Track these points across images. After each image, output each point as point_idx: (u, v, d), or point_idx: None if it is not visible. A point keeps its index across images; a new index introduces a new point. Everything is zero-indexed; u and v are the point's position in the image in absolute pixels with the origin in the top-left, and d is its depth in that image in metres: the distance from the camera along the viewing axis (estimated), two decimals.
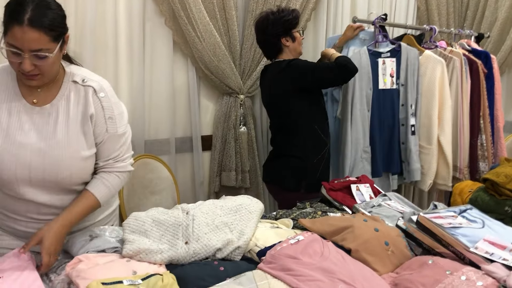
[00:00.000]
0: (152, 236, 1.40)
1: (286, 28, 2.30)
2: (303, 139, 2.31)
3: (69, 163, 1.41)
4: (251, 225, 1.48)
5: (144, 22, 2.45)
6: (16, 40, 1.24)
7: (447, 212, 1.59)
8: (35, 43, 1.26)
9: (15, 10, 1.25)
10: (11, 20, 1.24)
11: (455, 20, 3.66)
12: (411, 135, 2.56)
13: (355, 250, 1.41)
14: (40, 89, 1.40)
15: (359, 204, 1.81)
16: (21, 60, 1.27)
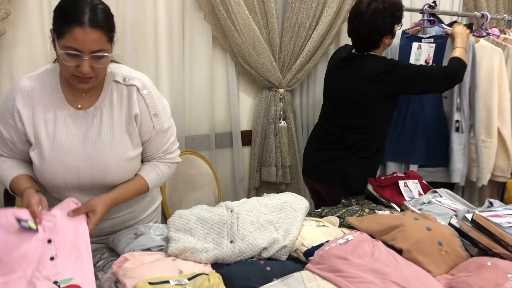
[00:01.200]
0: (197, 234, 1.38)
1: (393, 25, 2.11)
2: (377, 141, 2.16)
3: (116, 165, 1.41)
4: (297, 223, 1.44)
5: (184, 17, 2.43)
6: (76, 41, 1.23)
7: (505, 210, 1.50)
8: (96, 44, 1.25)
9: (73, 11, 1.25)
10: (70, 22, 1.23)
11: (505, 5, 3.47)
12: (455, 132, 2.37)
13: (407, 250, 1.36)
14: (85, 93, 1.40)
15: (408, 201, 1.74)
16: (79, 62, 1.26)
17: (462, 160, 2.38)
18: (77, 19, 1.23)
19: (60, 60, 1.28)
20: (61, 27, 1.24)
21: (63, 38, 1.24)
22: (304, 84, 2.86)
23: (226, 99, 2.67)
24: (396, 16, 2.08)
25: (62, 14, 1.26)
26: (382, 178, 1.88)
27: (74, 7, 1.25)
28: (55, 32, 1.27)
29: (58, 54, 1.28)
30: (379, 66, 2.07)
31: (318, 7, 2.65)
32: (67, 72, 1.30)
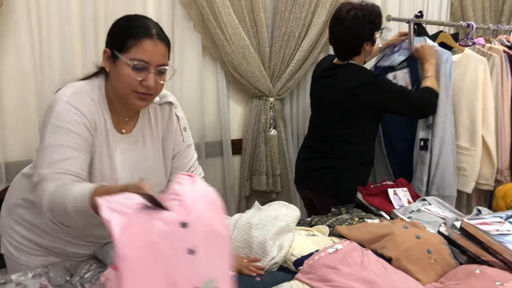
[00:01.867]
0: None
1: (373, 32, 2.14)
2: (364, 150, 2.19)
3: (156, 186, 1.40)
4: (289, 237, 1.44)
5: (173, 27, 2.43)
6: (146, 53, 1.24)
7: (493, 217, 1.52)
8: (162, 57, 1.27)
9: (140, 26, 1.26)
10: (140, 34, 1.24)
11: (491, 16, 3.53)
12: (419, 150, 2.36)
13: (396, 259, 1.36)
14: (129, 118, 1.38)
15: (397, 209, 1.75)
16: (145, 76, 1.25)
17: (422, 180, 2.35)
18: (147, 32, 1.25)
19: (123, 76, 1.25)
20: (127, 41, 1.24)
21: (129, 51, 1.24)
22: (294, 92, 2.87)
23: (216, 108, 2.67)
24: (375, 22, 2.11)
25: (128, 29, 1.27)
26: (371, 187, 1.89)
27: (139, 22, 1.28)
28: (115, 49, 1.26)
29: (118, 70, 1.26)
30: (357, 78, 2.10)
31: (307, 16, 2.67)
32: (129, 88, 1.27)
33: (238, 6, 2.47)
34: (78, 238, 1.42)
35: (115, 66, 1.27)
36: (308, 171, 2.26)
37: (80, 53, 2.18)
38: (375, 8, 2.13)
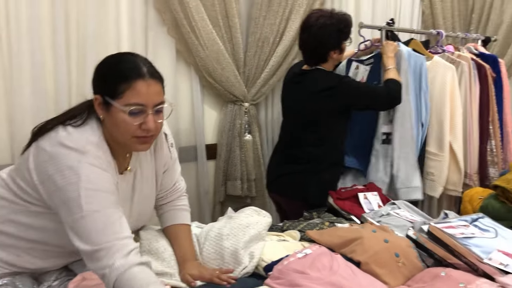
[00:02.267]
0: (164, 258, 1.38)
1: (341, 41, 2.17)
2: (332, 154, 2.21)
3: (150, 214, 1.47)
4: (260, 246, 1.45)
5: (147, 31, 2.42)
6: (140, 95, 1.17)
7: (458, 221, 1.56)
8: (158, 96, 1.21)
9: (129, 67, 1.19)
10: (130, 77, 1.17)
11: (461, 23, 3.63)
12: (381, 144, 2.43)
13: (365, 263, 1.38)
14: (129, 154, 1.33)
15: (367, 213, 1.78)
16: (143, 119, 1.19)
17: (385, 172, 2.41)
18: (138, 73, 1.18)
19: (119, 122, 1.19)
20: (119, 85, 1.17)
21: (122, 96, 1.17)
22: (269, 98, 2.88)
23: (190, 113, 2.66)
24: (344, 31, 2.13)
25: (117, 72, 1.20)
26: (342, 191, 1.92)
27: (128, 63, 1.21)
28: (107, 96, 1.19)
29: (114, 118, 1.19)
30: (324, 82, 2.13)
31: (281, 22, 2.69)
32: (128, 135, 1.21)
33: (212, 11, 2.48)
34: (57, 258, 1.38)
35: (110, 113, 1.20)
36: (278, 176, 2.29)
37: (51, 58, 2.15)
38: (345, 17, 2.16)
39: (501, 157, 2.76)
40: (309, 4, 2.76)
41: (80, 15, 2.18)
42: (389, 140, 2.40)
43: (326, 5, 2.94)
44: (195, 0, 2.37)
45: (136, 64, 1.20)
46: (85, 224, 1.13)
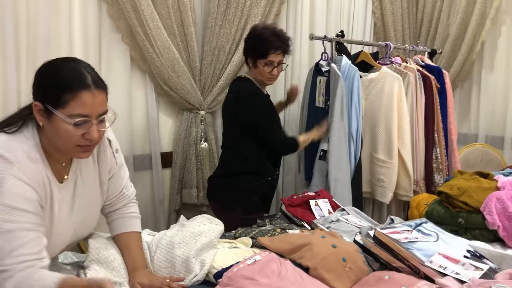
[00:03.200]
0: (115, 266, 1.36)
1: (250, 50, 2.26)
2: (247, 161, 2.27)
3: (95, 221, 1.44)
4: (211, 253, 1.45)
5: (100, 38, 2.39)
6: (85, 106, 1.15)
7: (403, 226, 1.62)
8: (102, 106, 1.19)
9: (73, 76, 1.16)
10: (75, 87, 1.14)
11: (410, 36, 3.79)
12: (318, 160, 2.58)
13: (313, 268, 1.41)
14: (65, 163, 1.30)
15: (317, 219, 1.82)
16: (87, 129, 1.18)
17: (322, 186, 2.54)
18: (82, 83, 1.15)
19: (61, 132, 1.16)
20: (62, 95, 1.14)
21: (66, 107, 1.14)
22: None
23: (145, 121, 2.65)
24: (254, 45, 2.23)
25: (60, 81, 1.16)
26: (294, 198, 1.96)
27: (72, 72, 1.17)
28: (49, 104, 1.15)
29: (56, 126, 1.16)
30: (236, 91, 2.29)
31: (237, 32, 2.73)
32: (71, 144, 1.19)
33: (167, 19, 2.48)
34: None
35: (51, 121, 1.17)
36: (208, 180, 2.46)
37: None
38: (256, 32, 2.24)
39: (446, 164, 2.89)
40: (264, 14, 2.81)
41: (31, 19, 2.12)
42: (325, 157, 2.55)
43: (281, 16, 3.02)
44: (149, 8, 2.37)
45: (81, 73, 1.17)
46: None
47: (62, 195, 1.28)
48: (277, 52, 2.20)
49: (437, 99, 2.83)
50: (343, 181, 2.49)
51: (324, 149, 2.54)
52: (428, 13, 3.78)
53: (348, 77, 2.52)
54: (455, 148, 3.01)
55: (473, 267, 1.42)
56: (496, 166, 3.28)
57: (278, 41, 2.20)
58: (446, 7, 3.64)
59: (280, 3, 2.94)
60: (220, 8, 2.66)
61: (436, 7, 3.72)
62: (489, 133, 3.61)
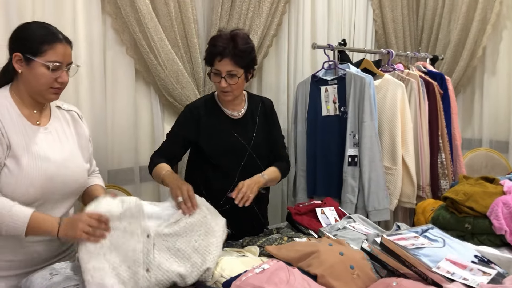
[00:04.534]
0: (111, 262, 1.35)
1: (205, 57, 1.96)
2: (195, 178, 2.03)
3: (81, 173, 1.62)
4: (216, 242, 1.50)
5: (105, 51, 2.42)
6: (58, 55, 1.48)
7: (409, 232, 1.62)
8: (70, 57, 1.54)
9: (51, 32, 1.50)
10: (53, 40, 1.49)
11: (412, 43, 3.82)
12: (348, 166, 2.58)
13: (321, 276, 1.41)
14: (36, 110, 1.56)
15: (324, 227, 1.83)
16: (59, 74, 1.50)
17: (355, 193, 2.56)
18: (57, 37, 1.50)
19: (38, 75, 1.47)
20: (41, 46, 1.46)
21: (45, 55, 1.46)
22: None
23: (150, 132, 2.67)
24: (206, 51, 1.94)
25: (40, 36, 1.48)
26: (300, 206, 1.96)
27: (48, 29, 1.51)
28: (29, 54, 1.46)
29: (33, 71, 1.47)
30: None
31: None
32: (45, 85, 1.49)
33: (171, 32, 2.51)
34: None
35: (30, 68, 1.47)
36: None
37: None
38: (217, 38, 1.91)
39: (451, 170, 2.89)
40: (266, 25, 2.84)
41: None
42: (355, 163, 2.54)
43: (283, 26, 3.05)
44: (153, 21, 2.40)
45: (55, 31, 1.52)
46: None
47: (39, 137, 1.53)
48: (220, 58, 1.85)
49: (440, 105, 2.84)
50: (377, 180, 2.51)
51: (352, 154, 2.54)
52: (429, 20, 3.81)
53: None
54: (460, 153, 3.01)
55: (481, 272, 1.42)
56: (501, 170, 3.28)
57: (221, 47, 1.84)
58: (446, 13, 3.67)
59: (282, 13, 2.96)
60: (223, 19, 2.69)
61: (437, 14, 3.74)
62: (493, 138, 3.61)
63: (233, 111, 2.02)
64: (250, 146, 2.00)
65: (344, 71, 2.60)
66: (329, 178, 2.66)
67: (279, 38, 3.06)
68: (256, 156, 2.01)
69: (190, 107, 2.06)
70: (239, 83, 1.90)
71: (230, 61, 1.84)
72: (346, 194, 2.56)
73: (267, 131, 2.08)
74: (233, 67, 1.85)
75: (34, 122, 1.54)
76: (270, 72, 3.07)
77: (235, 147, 1.98)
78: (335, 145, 2.64)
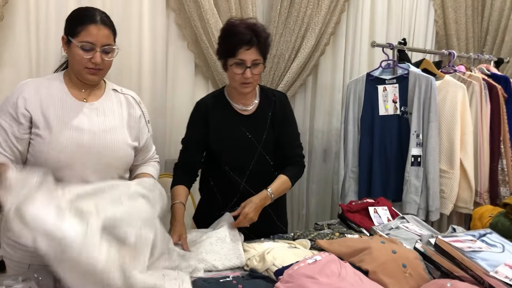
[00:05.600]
0: None
1: (219, 50, 1.90)
2: (204, 188, 2.04)
3: (119, 146, 1.62)
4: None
5: (168, 45, 2.52)
6: (91, 35, 1.51)
7: (466, 236, 1.58)
8: (106, 38, 1.54)
9: (86, 15, 1.53)
10: (86, 21, 1.51)
11: (475, 45, 3.68)
12: (411, 166, 2.53)
13: (373, 272, 1.41)
14: (85, 89, 1.62)
15: (376, 226, 1.81)
16: (92, 55, 1.52)
17: (418, 193, 2.51)
18: (92, 18, 1.52)
19: (75, 55, 1.52)
20: (76, 27, 1.51)
21: (78, 36, 1.50)
22: None
23: None
24: (223, 42, 1.85)
25: (77, 18, 1.54)
26: (352, 204, 1.96)
27: (87, 11, 1.55)
28: (68, 35, 1.52)
29: (72, 52, 1.52)
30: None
31: (297, 40, 2.78)
32: (81, 65, 1.53)
33: None
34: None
35: (70, 49, 1.54)
36: None
37: None
38: (226, 27, 1.89)
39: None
40: (324, 22, 2.85)
41: None
42: (418, 163, 2.51)
43: (341, 25, 3.03)
44: (214, 17, 2.47)
45: (93, 13, 1.54)
46: None
47: (82, 111, 1.58)
48: (246, 47, 1.77)
49: (504, 109, 2.73)
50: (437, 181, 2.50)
51: (416, 154, 2.51)
52: (495, 22, 3.66)
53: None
54: None
55: None
56: None
57: (247, 35, 1.77)
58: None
59: (341, 11, 2.96)
60: (281, 16, 2.72)
61: (504, 16, 3.59)
62: None
63: (243, 106, 1.93)
64: (260, 144, 1.90)
65: (406, 71, 2.55)
66: (386, 179, 2.62)
67: (337, 36, 3.05)
68: (266, 154, 1.91)
69: (198, 102, 2.01)
70: (260, 73, 1.85)
71: (256, 50, 1.79)
72: (410, 194, 2.52)
73: (280, 128, 1.94)
74: (258, 55, 1.80)
75: (80, 99, 1.60)
76: (326, 71, 3.07)
77: (244, 145, 1.89)
78: (394, 145, 2.60)
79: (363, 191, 2.65)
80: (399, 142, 2.58)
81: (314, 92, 3.09)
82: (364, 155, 2.67)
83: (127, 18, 2.36)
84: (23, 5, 2.11)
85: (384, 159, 2.62)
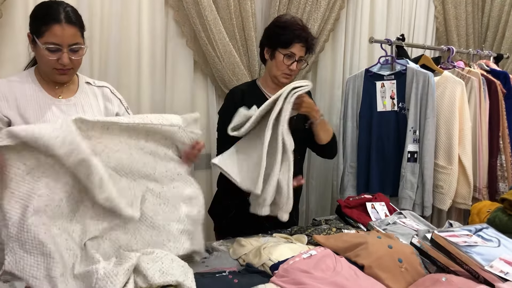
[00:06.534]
0: None
1: (270, 39, 2.01)
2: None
3: None
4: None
5: (167, 42, 2.53)
6: (56, 36, 1.45)
7: (462, 230, 1.59)
8: (72, 38, 1.48)
9: (49, 13, 1.46)
10: (49, 21, 1.44)
11: (475, 41, 3.67)
12: (407, 162, 2.54)
13: (368, 267, 1.42)
14: (58, 86, 1.59)
15: (374, 221, 1.82)
16: (59, 55, 1.47)
17: (414, 188, 2.53)
18: (55, 18, 1.45)
19: (42, 56, 1.48)
20: (40, 27, 1.45)
21: (43, 36, 1.45)
22: None
23: (205, 122, 2.75)
24: (276, 33, 1.98)
25: (40, 17, 1.48)
26: (350, 199, 1.97)
27: (49, 9, 1.48)
28: (34, 34, 1.48)
29: (38, 52, 1.49)
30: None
31: None
32: (49, 67, 1.50)
33: (229, 25, 2.58)
34: None
35: (36, 48, 1.50)
36: None
37: None
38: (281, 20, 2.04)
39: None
40: (323, 19, 2.85)
41: (104, 24, 2.30)
42: (414, 159, 2.53)
43: (340, 21, 3.03)
44: (213, 14, 2.47)
45: (56, 11, 1.47)
46: None
47: (60, 108, 1.56)
48: (301, 44, 1.94)
49: (503, 104, 2.72)
50: (432, 177, 2.51)
51: (412, 150, 2.53)
52: (495, 17, 3.65)
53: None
54: None
55: None
56: None
57: (305, 34, 1.96)
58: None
59: (340, 8, 2.95)
60: (280, 13, 2.71)
61: (504, 11, 3.58)
62: None
63: None
64: None
65: (404, 67, 2.55)
66: (384, 174, 2.63)
67: (336, 32, 3.05)
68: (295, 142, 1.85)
69: (232, 90, 2.13)
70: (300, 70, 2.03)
71: (304, 48, 1.97)
72: (405, 190, 2.54)
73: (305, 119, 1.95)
74: (305, 53, 1.99)
75: (56, 96, 1.58)
76: (325, 67, 3.07)
77: None
78: (391, 141, 2.61)
79: (362, 185, 2.67)
80: (397, 138, 2.58)
81: (314, 89, 3.09)
82: (362, 150, 2.68)
83: (125, 15, 2.37)
84: (22, 2, 2.12)
85: (381, 155, 2.63)
